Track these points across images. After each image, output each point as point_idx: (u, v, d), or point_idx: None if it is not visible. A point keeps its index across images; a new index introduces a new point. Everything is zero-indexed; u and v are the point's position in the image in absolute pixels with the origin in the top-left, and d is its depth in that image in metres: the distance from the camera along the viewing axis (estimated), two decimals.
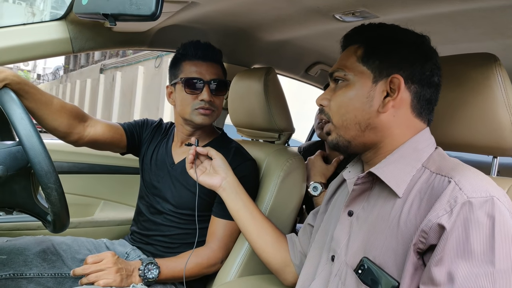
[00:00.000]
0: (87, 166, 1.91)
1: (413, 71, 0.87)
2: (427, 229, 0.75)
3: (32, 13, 18.64)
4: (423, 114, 0.90)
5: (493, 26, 1.35)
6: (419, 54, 0.88)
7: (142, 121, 1.65)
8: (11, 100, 1.06)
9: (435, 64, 0.89)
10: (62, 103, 1.34)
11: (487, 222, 0.70)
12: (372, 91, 0.89)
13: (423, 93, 0.88)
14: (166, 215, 1.47)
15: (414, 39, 0.90)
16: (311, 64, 2.20)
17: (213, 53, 1.46)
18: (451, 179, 0.77)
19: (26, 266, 1.31)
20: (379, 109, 0.88)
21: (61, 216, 1.07)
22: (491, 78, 0.93)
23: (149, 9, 0.87)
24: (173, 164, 1.51)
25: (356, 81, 0.91)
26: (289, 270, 1.20)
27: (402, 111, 0.89)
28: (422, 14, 1.29)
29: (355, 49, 0.93)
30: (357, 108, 0.90)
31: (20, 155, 1.06)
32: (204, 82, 1.41)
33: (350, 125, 0.91)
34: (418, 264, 0.78)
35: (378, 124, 0.89)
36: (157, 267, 1.28)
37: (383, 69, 0.88)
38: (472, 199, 0.72)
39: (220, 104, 1.47)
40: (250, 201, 1.25)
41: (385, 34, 0.91)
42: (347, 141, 0.93)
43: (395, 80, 0.87)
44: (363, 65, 0.90)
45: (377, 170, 0.88)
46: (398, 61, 0.88)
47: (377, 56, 0.89)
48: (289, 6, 1.36)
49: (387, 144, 0.90)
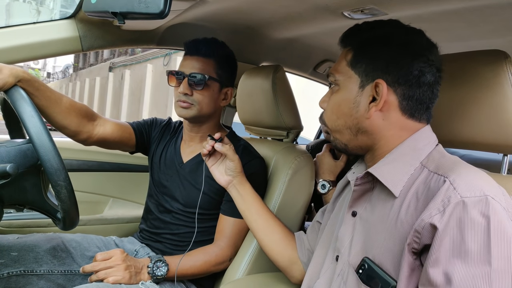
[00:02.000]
0: (96, 164, 1.92)
1: (398, 73, 0.86)
2: (420, 229, 0.74)
3: (42, 12, 18.81)
4: (416, 114, 0.88)
5: (503, 23, 1.34)
6: (407, 54, 0.86)
7: (151, 120, 1.66)
8: (21, 98, 1.07)
9: (426, 62, 0.86)
10: (71, 101, 1.35)
11: (482, 222, 0.69)
12: (358, 96, 0.89)
13: (411, 94, 0.86)
14: (174, 214, 1.48)
15: (403, 39, 0.88)
16: (320, 61, 2.19)
17: (201, 47, 1.44)
18: (446, 178, 0.77)
19: (37, 263, 1.32)
20: (365, 114, 0.88)
21: (71, 214, 1.08)
22: (501, 75, 0.92)
23: (158, 7, 0.88)
24: (182, 163, 1.52)
25: (345, 86, 0.92)
26: (297, 268, 1.20)
27: (392, 114, 0.88)
28: (432, 11, 1.28)
29: (346, 53, 0.93)
30: (346, 114, 0.91)
31: (30, 153, 1.06)
32: (184, 75, 1.42)
33: (342, 130, 0.93)
34: (415, 265, 0.77)
35: (368, 127, 0.89)
36: (166, 265, 1.29)
37: (369, 73, 0.88)
38: (466, 199, 0.71)
39: (203, 99, 1.43)
40: (259, 199, 1.26)
41: (373, 37, 0.90)
42: (344, 144, 0.95)
43: (379, 84, 0.86)
44: (352, 69, 0.91)
45: (374, 170, 0.88)
46: (383, 64, 0.87)
47: (364, 60, 0.89)
48: (298, 3, 1.36)
49: (382, 146, 0.90)
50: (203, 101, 1.44)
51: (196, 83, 1.42)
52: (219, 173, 1.25)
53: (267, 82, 1.51)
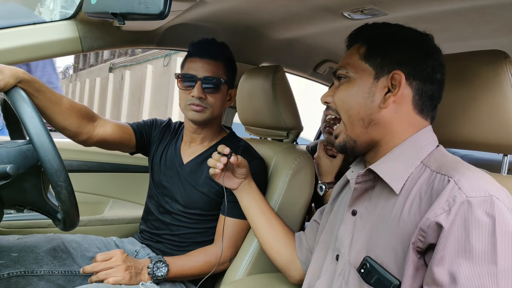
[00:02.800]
0: (96, 164, 1.92)
1: (414, 67, 0.88)
2: (425, 228, 0.75)
3: (42, 13, 18.81)
4: (425, 110, 0.90)
5: (504, 23, 1.33)
6: (421, 51, 0.89)
7: (151, 121, 1.66)
8: (21, 99, 1.07)
9: (437, 61, 0.89)
10: (71, 102, 1.35)
11: (487, 221, 0.69)
12: (373, 87, 0.90)
13: (425, 89, 0.89)
14: (175, 215, 1.48)
15: (416, 37, 0.91)
16: (320, 62, 2.19)
17: (212, 50, 1.45)
18: (451, 178, 0.77)
19: (37, 264, 1.32)
20: (380, 104, 0.89)
21: (71, 214, 1.08)
22: (502, 75, 0.92)
23: (158, 8, 0.88)
24: (182, 164, 1.52)
25: (358, 77, 0.92)
26: (295, 267, 1.21)
27: (404, 107, 0.89)
28: (432, 11, 1.28)
29: (358, 48, 0.94)
30: (360, 104, 0.91)
31: (31, 153, 1.06)
32: (197, 78, 1.41)
33: (355, 121, 0.92)
34: (420, 264, 0.77)
35: (380, 119, 0.90)
36: (166, 265, 1.29)
37: (385, 65, 0.89)
38: (471, 199, 0.72)
39: (215, 103, 1.45)
40: (262, 199, 1.28)
41: (388, 33, 0.92)
42: (353, 141, 0.94)
43: (396, 76, 0.87)
44: (365, 62, 0.91)
45: (375, 166, 0.88)
46: (399, 57, 0.88)
47: (379, 53, 0.90)
48: (298, 4, 1.36)
49: (388, 141, 0.91)
50: (215, 104, 1.45)
51: (211, 86, 1.42)
52: (228, 179, 1.25)
53: (267, 83, 1.51)
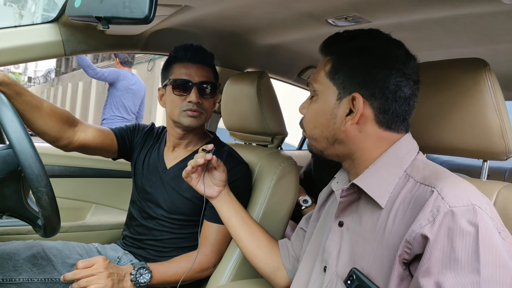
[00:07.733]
0: (78, 169, 1.89)
1: (375, 88, 0.86)
2: (411, 240, 0.75)
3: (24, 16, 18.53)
4: (393, 126, 0.89)
5: (483, 32, 1.36)
6: (384, 68, 0.86)
7: (133, 126, 1.64)
8: (1, 103, 1.05)
9: (402, 76, 0.86)
10: (52, 107, 1.33)
11: (471, 230, 0.70)
12: (335, 108, 0.90)
13: (387, 108, 0.87)
14: (158, 220, 1.47)
15: (381, 51, 0.88)
16: (304, 68, 2.21)
17: (204, 55, 1.46)
18: (434, 189, 0.77)
19: (16, 271, 1.30)
20: (341, 127, 0.89)
21: (52, 220, 1.06)
22: (481, 82, 0.94)
23: (142, 13, 0.87)
24: (165, 169, 1.51)
25: (323, 97, 0.92)
26: (281, 275, 1.19)
27: (368, 127, 0.89)
28: (414, 19, 1.30)
29: (325, 63, 0.93)
30: (323, 124, 0.92)
31: (11, 158, 1.04)
32: (193, 83, 1.41)
33: (319, 139, 0.94)
34: (404, 275, 0.78)
35: (345, 139, 0.90)
36: (149, 272, 1.28)
37: (346, 86, 0.88)
38: (454, 208, 0.72)
39: (210, 107, 1.46)
40: (241, 208, 1.26)
41: (356, 47, 0.90)
42: (320, 151, 0.96)
43: (356, 98, 0.87)
44: (330, 80, 0.91)
45: (360, 181, 0.88)
46: (362, 79, 0.87)
47: (342, 72, 0.89)
48: (283, 10, 1.37)
49: (361, 155, 0.91)
50: (210, 109, 1.47)
51: (207, 91, 1.43)
52: (207, 186, 1.21)
53: (252, 88, 1.52)
